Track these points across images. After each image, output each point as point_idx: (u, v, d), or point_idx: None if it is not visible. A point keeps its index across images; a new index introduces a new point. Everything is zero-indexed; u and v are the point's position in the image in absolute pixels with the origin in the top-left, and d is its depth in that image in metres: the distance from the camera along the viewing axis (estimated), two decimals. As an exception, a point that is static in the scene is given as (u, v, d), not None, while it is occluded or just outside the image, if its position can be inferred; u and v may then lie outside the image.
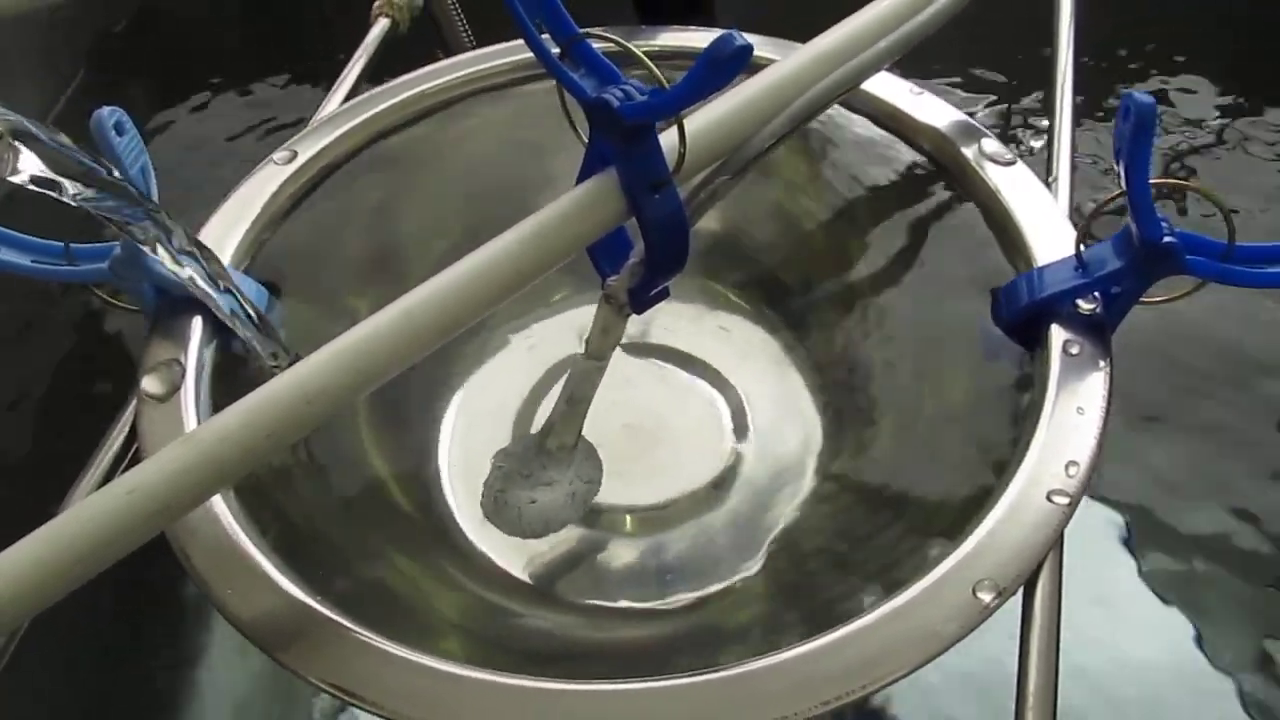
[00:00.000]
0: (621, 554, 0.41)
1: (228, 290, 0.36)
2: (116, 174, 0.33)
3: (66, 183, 0.32)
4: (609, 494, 0.41)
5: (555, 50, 0.33)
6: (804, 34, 0.41)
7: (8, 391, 0.73)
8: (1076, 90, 0.47)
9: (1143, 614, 0.63)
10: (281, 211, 0.44)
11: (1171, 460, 0.69)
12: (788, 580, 0.39)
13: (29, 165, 0.31)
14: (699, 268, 0.45)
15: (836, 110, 0.45)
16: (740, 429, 0.44)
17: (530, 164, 0.48)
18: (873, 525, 0.39)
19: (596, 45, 0.34)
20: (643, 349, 0.47)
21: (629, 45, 0.32)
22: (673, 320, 0.47)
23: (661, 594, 0.40)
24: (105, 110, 0.36)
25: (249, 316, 0.36)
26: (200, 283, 0.35)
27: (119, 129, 0.36)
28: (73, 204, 0.32)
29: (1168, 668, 0.61)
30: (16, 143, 0.30)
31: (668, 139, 0.33)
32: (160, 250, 0.34)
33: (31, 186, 0.31)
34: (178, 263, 0.35)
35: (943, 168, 0.43)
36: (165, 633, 0.64)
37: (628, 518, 0.42)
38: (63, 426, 0.70)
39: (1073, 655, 0.31)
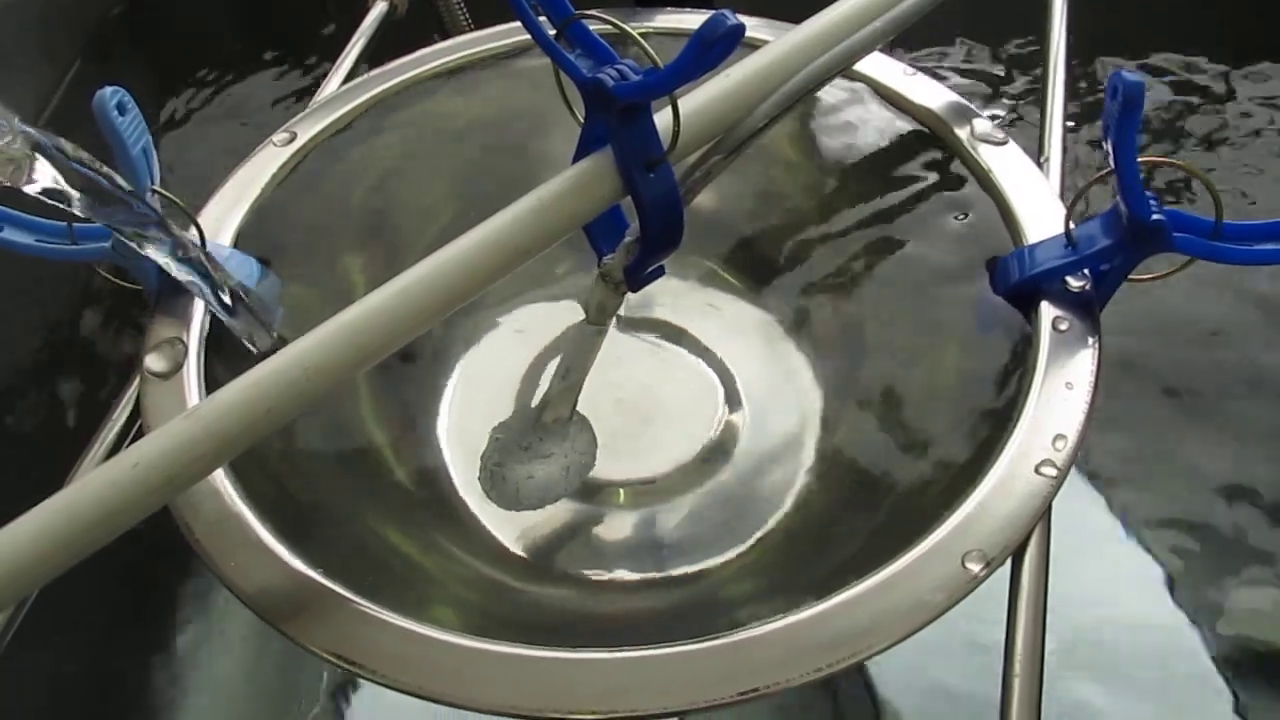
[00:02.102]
0: (617, 527, 0.42)
1: (223, 287, 0.37)
2: (123, 183, 0.34)
3: (76, 195, 0.32)
4: (604, 468, 0.42)
5: (551, 31, 0.34)
6: (803, 15, 0.41)
7: (11, 367, 0.74)
8: (1069, 69, 0.48)
9: (1121, 567, 0.64)
10: (281, 190, 0.44)
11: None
12: (783, 551, 0.40)
13: (43, 177, 0.32)
14: (692, 244, 0.46)
15: (830, 88, 0.45)
16: (733, 403, 0.45)
17: (528, 140, 0.48)
18: (867, 496, 0.39)
19: (592, 26, 0.34)
20: (636, 325, 0.47)
21: (624, 25, 0.32)
22: (666, 297, 0.48)
23: (659, 566, 0.40)
24: (108, 90, 0.36)
25: (244, 308, 0.37)
26: (198, 282, 0.36)
27: (121, 109, 0.37)
28: (80, 215, 0.33)
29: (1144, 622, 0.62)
30: (36, 153, 0.31)
31: (662, 119, 0.33)
32: (155, 252, 0.35)
33: (44, 198, 0.32)
34: (174, 260, 0.35)
35: (936, 147, 0.44)
36: (169, 613, 0.65)
37: (622, 491, 0.42)
38: (67, 404, 0.70)
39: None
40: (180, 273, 0.36)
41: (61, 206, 0.33)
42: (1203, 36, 0.88)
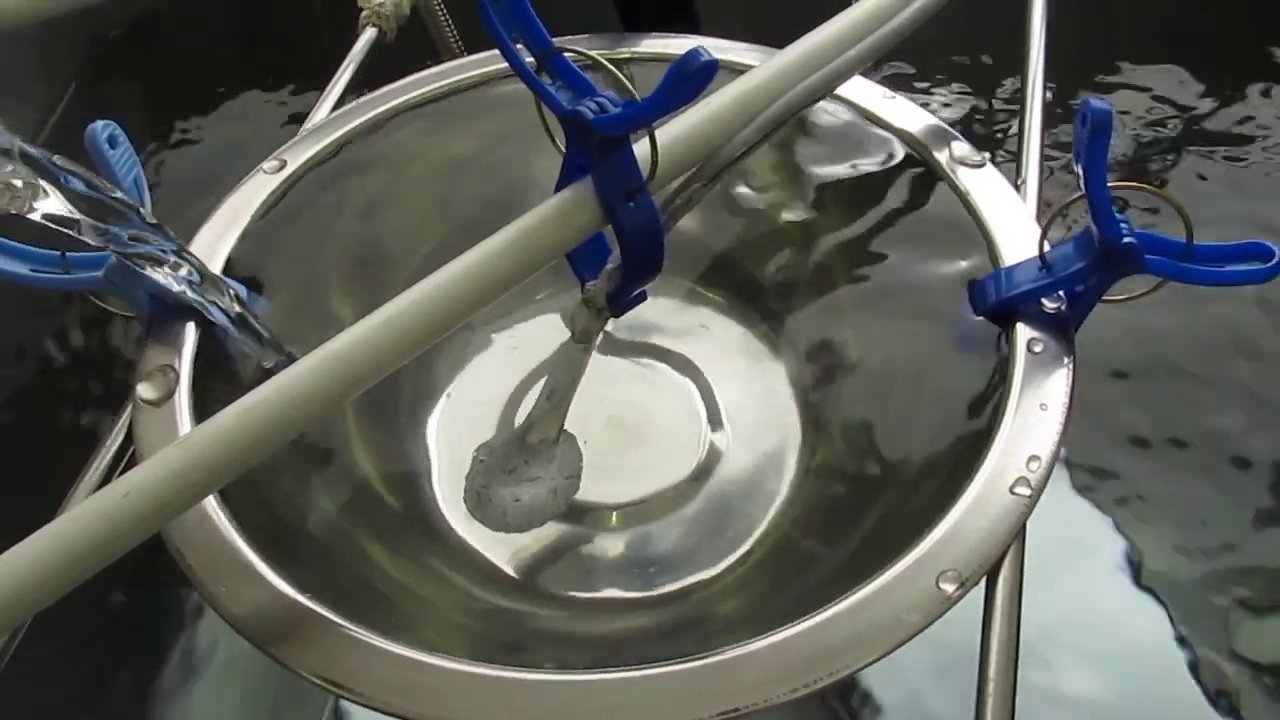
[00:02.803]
0: (605, 546, 0.42)
1: (226, 305, 0.37)
2: (120, 195, 0.34)
3: (83, 220, 0.33)
4: (592, 488, 0.42)
5: (529, 58, 0.35)
6: (788, 37, 0.42)
7: (4, 396, 0.74)
8: (1048, 92, 0.48)
9: (1111, 589, 0.65)
10: (271, 218, 0.45)
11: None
12: (767, 569, 0.40)
13: (48, 203, 0.32)
14: (677, 266, 0.47)
15: (811, 112, 0.46)
16: (719, 422, 0.45)
17: (515, 164, 0.49)
18: (848, 515, 0.40)
19: (575, 56, 0.35)
20: (624, 346, 0.48)
21: (601, 59, 0.33)
22: (653, 318, 0.48)
23: (645, 585, 0.41)
24: (99, 124, 0.37)
25: (247, 325, 0.38)
26: (199, 297, 0.37)
27: (112, 142, 0.38)
28: (88, 240, 0.33)
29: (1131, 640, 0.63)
30: (43, 182, 0.31)
31: (641, 148, 0.34)
32: (158, 270, 0.36)
33: (47, 224, 0.32)
34: (177, 280, 0.36)
35: (915, 170, 0.45)
36: (165, 635, 0.65)
37: (611, 511, 0.43)
38: (59, 431, 0.71)
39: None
40: (183, 289, 0.37)
41: (68, 232, 0.34)
42: (1184, 54, 0.89)
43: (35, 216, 0.33)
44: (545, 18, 0.34)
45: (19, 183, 0.32)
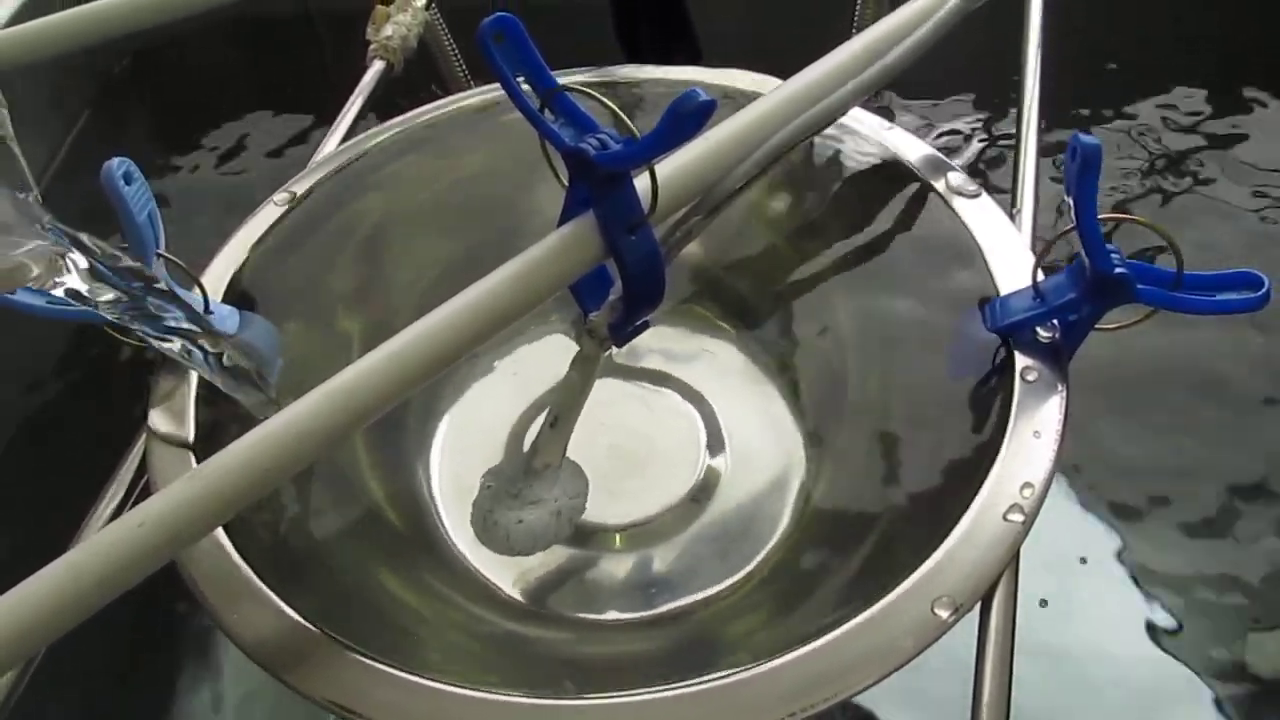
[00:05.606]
0: (609, 569, 0.43)
1: (220, 359, 0.38)
2: (129, 263, 0.35)
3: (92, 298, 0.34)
4: (596, 511, 0.43)
5: (528, 89, 0.35)
6: (789, 67, 0.43)
7: (17, 425, 0.75)
8: (1042, 122, 0.49)
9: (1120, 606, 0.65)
10: (280, 245, 0.46)
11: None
12: (767, 593, 0.41)
13: (74, 279, 0.33)
14: (679, 293, 0.47)
15: (812, 141, 0.47)
16: (720, 446, 0.46)
17: (516, 193, 0.50)
18: (846, 540, 0.41)
19: (578, 83, 0.36)
20: (627, 371, 0.49)
21: (604, 100, 0.34)
22: (656, 343, 0.49)
23: (648, 607, 0.42)
24: (115, 161, 0.38)
25: (240, 374, 0.38)
26: (193, 354, 0.37)
27: (127, 178, 0.38)
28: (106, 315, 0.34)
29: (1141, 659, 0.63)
30: (76, 254, 0.32)
31: (642, 182, 0.35)
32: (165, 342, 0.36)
33: (69, 299, 0.33)
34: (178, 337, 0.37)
35: (911, 200, 0.45)
36: (177, 653, 0.66)
37: (614, 534, 0.44)
38: (72, 460, 0.72)
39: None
40: (173, 343, 0.38)
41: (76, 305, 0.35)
42: (1183, 88, 0.90)
43: (58, 292, 0.34)
44: (544, 42, 0.35)
45: (47, 256, 0.33)
